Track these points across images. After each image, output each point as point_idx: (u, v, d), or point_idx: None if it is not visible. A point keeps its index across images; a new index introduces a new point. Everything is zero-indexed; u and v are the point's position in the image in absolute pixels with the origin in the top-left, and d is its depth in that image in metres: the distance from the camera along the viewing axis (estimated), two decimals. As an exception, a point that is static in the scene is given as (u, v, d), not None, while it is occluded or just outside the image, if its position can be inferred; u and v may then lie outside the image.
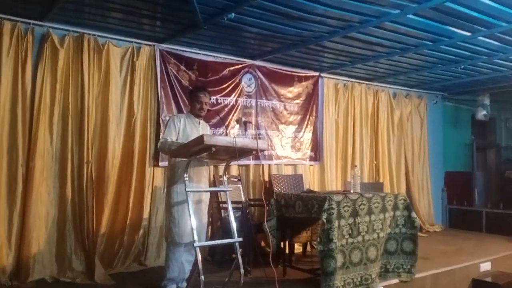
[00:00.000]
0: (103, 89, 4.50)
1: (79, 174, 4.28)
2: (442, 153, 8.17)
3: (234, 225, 3.49)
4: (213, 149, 3.05)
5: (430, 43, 4.88)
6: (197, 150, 3.19)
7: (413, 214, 4.35)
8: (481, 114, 7.83)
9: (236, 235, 3.43)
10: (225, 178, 3.67)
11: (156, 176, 4.73)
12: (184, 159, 3.39)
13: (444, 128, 8.23)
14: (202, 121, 3.77)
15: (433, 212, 7.71)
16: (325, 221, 3.70)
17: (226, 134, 5.09)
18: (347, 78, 6.64)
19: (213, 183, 4.86)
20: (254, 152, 3.36)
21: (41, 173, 4.08)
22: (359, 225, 3.93)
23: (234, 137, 3.17)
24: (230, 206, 3.56)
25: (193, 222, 3.22)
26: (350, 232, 3.85)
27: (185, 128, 3.62)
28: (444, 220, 8.07)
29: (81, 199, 4.26)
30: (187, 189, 3.28)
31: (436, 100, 8.03)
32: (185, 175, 3.34)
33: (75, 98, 4.32)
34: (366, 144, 6.76)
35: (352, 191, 4.40)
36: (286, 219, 4.27)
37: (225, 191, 3.61)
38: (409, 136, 7.43)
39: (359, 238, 3.92)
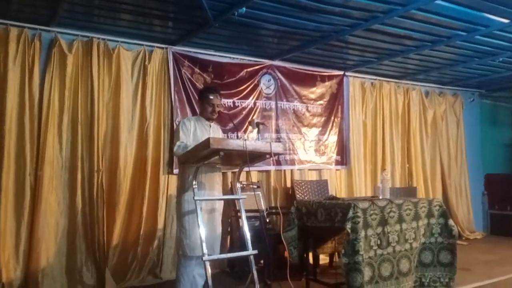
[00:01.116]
0: (114, 94, 4.34)
1: (90, 183, 4.12)
2: (481, 154, 7.65)
3: (248, 236, 3.19)
4: (221, 153, 2.77)
5: (464, 34, 4.45)
6: (205, 155, 2.92)
7: (450, 222, 3.93)
8: (524, 111, 7.24)
9: (250, 247, 3.13)
10: (238, 185, 3.38)
11: (170, 184, 4.50)
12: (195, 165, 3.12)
13: (482, 128, 7.72)
14: (213, 124, 3.51)
15: (473, 218, 7.17)
16: (349, 230, 3.34)
17: (245, 139, 4.81)
18: (374, 77, 6.26)
19: (230, 191, 4.59)
20: (268, 156, 3.06)
21: (50, 182, 3.93)
22: (389, 234, 3.55)
23: (245, 139, 2.88)
24: (244, 215, 3.27)
25: (202, 233, 2.95)
26: (378, 242, 3.47)
27: (195, 132, 3.36)
28: (485, 226, 7.50)
29: (92, 209, 4.09)
30: (195, 198, 3.01)
31: (473, 98, 7.51)
32: (194, 182, 3.07)
33: (84, 104, 4.17)
34: (397, 147, 6.35)
35: (380, 197, 4.03)
36: (308, 228, 3.93)
37: (238, 199, 3.32)
38: (444, 137, 6.95)
39: (389, 249, 3.53)
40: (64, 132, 4.05)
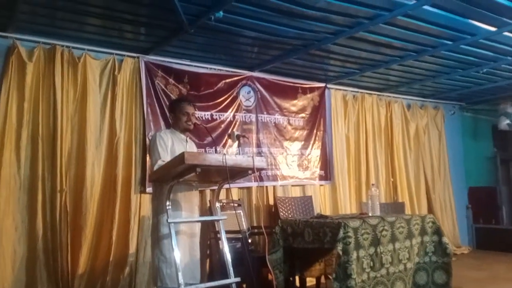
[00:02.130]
0: (79, 107, 3.98)
1: (52, 205, 3.71)
2: (463, 167, 7.55)
3: (229, 261, 2.87)
4: (198, 169, 2.46)
5: (450, 43, 4.29)
6: (180, 172, 2.60)
7: (445, 239, 3.72)
8: (504, 123, 7.17)
9: (232, 274, 2.80)
10: (217, 204, 3.06)
11: (143, 204, 4.13)
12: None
13: (463, 141, 7.66)
14: (188, 139, 3.20)
15: (458, 232, 7.01)
16: (341, 252, 3.06)
17: (224, 153, 4.50)
18: (356, 89, 6.09)
19: (208, 210, 4.24)
20: (250, 172, 2.76)
21: (6, 205, 3.52)
22: (382, 255, 3.29)
23: (224, 154, 2.58)
24: (224, 238, 2.95)
25: (178, 258, 2.62)
26: (371, 264, 3.21)
27: (172, 147, 3.03)
28: (471, 240, 7.35)
29: (54, 234, 3.68)
30: (169, 220, 2.68)
31: (453, 111, 7.44)
32: (168, 203, 2.74)
33: (46, 118, 3.80)
34: (380, 161, 6.15)
35: (370, 214, 3.77)
36: (295, 250, 3.62)
37: (217, 220, 2.99)
38: (427, 150, 6.81)
39: (383, 271, 3.27)
40: (23, 148, 3.65)
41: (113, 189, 4.00)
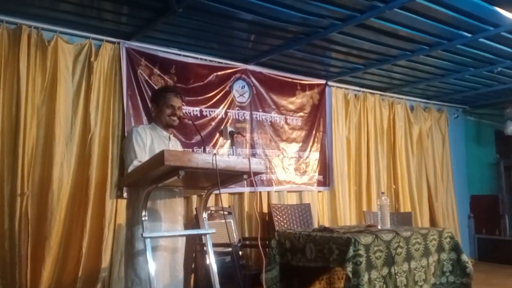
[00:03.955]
0: (48, 97, 3.45)
1: (11, 210, 3.17)
2: (466, 174, 7.15)
3: (217, 279, 2.38)
4: (181, 173, 1.95)
5: (469, 35, 3.86)
6: (159, 175, 2.09)
7: (464, 257, 3.27)
8: (511, 128, 6.81)
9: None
10: (204, 214, 2.55)
11: (120, 211, 3.59)
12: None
13: (466, 146, 7.26)
14: (172, 137, 2.69)
15: (461, 243, 6.56)
16: (350, 274, 2.58)
17: (215, 153, 4.00)
18: (358, 88, 5.63)
19: (194, 218, 3.73)
20: (245, 177, 2.26)
21: (-45, 211, 2.98)
22: (396, 276, 2.82)
23: (214, 154, 2.08)
24: (211, 254, 2.45)
25: (155, 281, 2.12)
26: (384, 287, 2.72)
27: (152, 145, 2.52)
28: (472, 252, 6.95)
29: (13, 245, 3.14)
30: (144, 234, 2.17)
31: (457, 114, 7.06)
32: (143, 213, 2.23)
33: (8, 109, 3.26)
34: (382, 166, 5.71)
35: (379, 227, 3.30)
36: (293, 268, 3.13)
37: (204, 235, 2.48)
38: (430, 155, 6.39)
39: (398, 296, 2.79)
40: (-22, 145, 3.12)
41: (84, 193, 3.46)
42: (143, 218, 2.22)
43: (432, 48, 4.17)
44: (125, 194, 3.52)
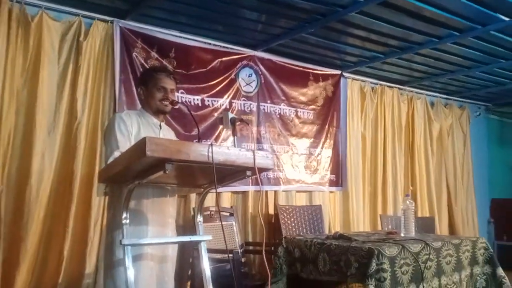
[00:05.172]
0: (29, 80, 3.06)
1: (-18, 208, 2.79)
2: (487, 176, 6.69)
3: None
4: (168, 166, 1.54)
5: (507, 19, 3.40)
6: (140, 170, 1.68)
7: (499, 271, 2.85)
8: (537, 128, 6.35)
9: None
10: (199, 218, 2.13)
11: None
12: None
13: (489, 146, 6.83)
14: (164, 125, 2.28)
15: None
16: (373, 293, 2.15)
17: (211, 143, 3.59)
18: (375, 80, 5.19)
19: (192, 219, 3.32)
20: (249, 173, 1.84)
21: None
22: (425, 295, 2.38)
23: (211, 144, 1.67)
24: (206, 262, 2.06)
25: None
26: (412, 309, 2.30)
27: (138, 134, 2.11)
28: (493, 260, 6.47)
29: (-17, 248, 2.76)
30: (123, 242, 1.77)
31: (479, 112, 6.60)
32: (124, 215, 1.83)
33: (-18, 92, 2.88)
34: (400, 165, 5.29)
35: (402, 234, 2.87)
36: (303, 280, 2.72)
37: (199, 242, 2.07)
38: (450, 155, 5.95)
39: (427, 319, 2.37)
40: None
41: (68, 188, 3.08)
42: (123, 221, 1.83)
43: (464, 34, 3.72)
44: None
